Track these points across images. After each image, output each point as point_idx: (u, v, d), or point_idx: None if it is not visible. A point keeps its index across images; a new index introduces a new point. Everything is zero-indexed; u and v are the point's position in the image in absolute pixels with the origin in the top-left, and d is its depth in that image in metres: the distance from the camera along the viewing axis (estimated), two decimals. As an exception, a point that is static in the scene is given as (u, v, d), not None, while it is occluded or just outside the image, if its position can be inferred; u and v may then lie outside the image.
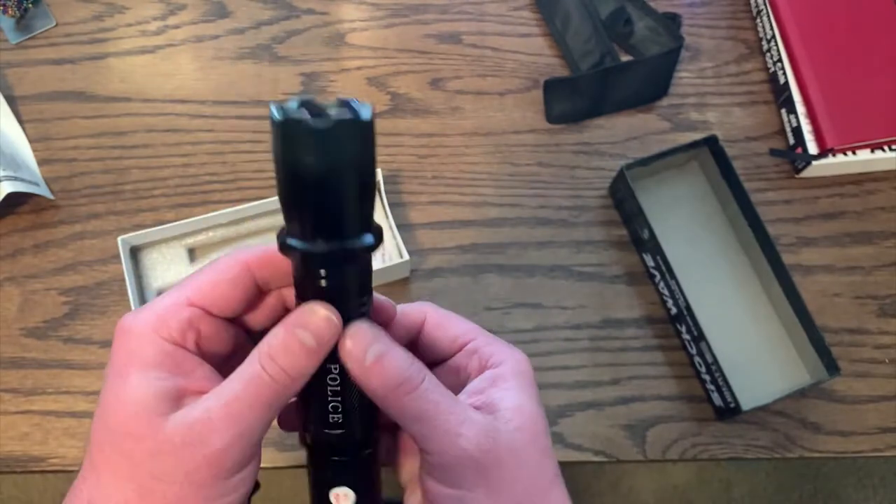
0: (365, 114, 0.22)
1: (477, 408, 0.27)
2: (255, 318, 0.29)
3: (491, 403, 0.27)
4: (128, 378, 0.24)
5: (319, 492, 0.30)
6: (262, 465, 0.52)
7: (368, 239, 0.25)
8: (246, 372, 0.25)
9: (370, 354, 0.25)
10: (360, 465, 0.30)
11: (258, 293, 0.28)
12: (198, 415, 0.24)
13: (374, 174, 0.24)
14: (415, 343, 0.31)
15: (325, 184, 0.23)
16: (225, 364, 0.27)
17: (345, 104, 0.22)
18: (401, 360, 0.26)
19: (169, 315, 0.25)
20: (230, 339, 0.28)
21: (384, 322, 0.29)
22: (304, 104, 0.22)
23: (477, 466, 0.26)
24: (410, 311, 0.30)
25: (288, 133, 0.22)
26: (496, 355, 0.29)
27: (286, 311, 0.29)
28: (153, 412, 0.24)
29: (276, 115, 0.21)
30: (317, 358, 0.25)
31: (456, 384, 0.30)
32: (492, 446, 0.26)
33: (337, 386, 0.27)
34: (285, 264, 0.26)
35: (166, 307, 0.26)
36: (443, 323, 0.30)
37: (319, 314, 0.25)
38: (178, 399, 0.25)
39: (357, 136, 0.22)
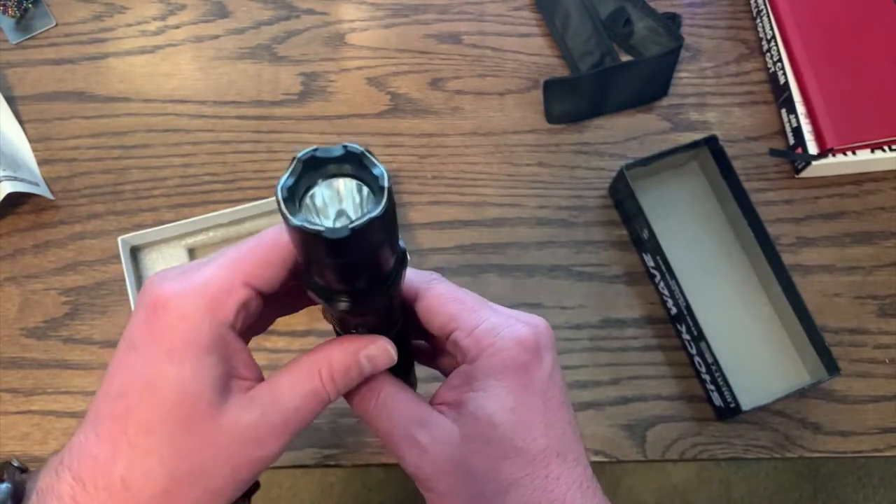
0: (379, 209, 0.20)
1: (447, 403, 0.28)
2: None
3: (458, 402, 0.28)
4: (183, 363, 0.23)
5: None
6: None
7: (398, 268, 0.25)
8: (306, 387, 0.26)
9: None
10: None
11: None
12: (254, 418, 0.24)
13: (396, 228, 0.23)
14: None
15: (354, 267, 0.22)
16: (243, 336, 0.27)
17: (354, 160, 0.21)
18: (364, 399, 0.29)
19: (224, 297, 0.24)
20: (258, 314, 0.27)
21: None
22: (309, 162, 0.21)
23: (419, 483, 0.28)
24: (408, 289, 0.30)
25: (306, 240, 0.20)
26: (471, 351, 0.28)
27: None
28: (208, 402, 0.24)
29: (291, 219, 0.20)
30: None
31: (454, 363, 0.30)
32: (428, 463, 0.27)
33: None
34: None
35: (220, 287, 0.24)
36: (430, 308, 0.29)
37: (389, 353, 0.27)
38: (226, 386, 0.24)
39: (378, 224, 0.20)
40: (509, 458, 0.27)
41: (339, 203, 0.22)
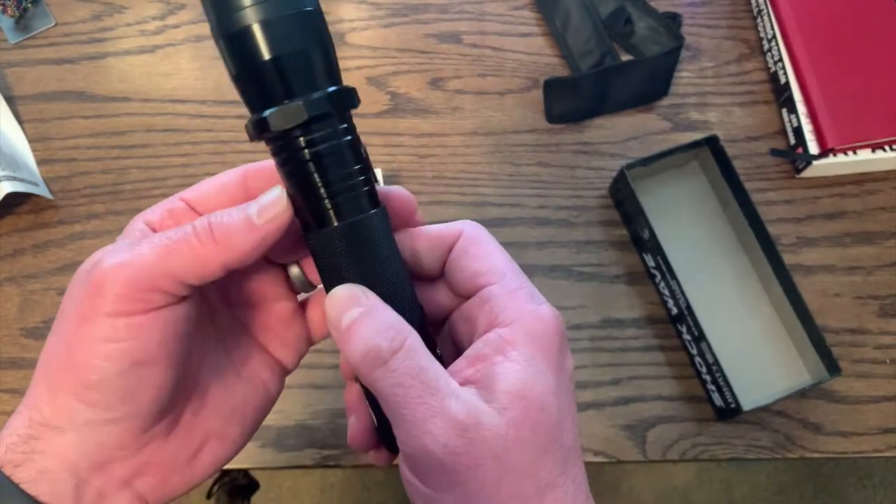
0: None
1: (472, 382, 0.23)
2: None
3: (489, 378, 0.23)
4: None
5: (375, 405, 0.26)
6: (261, 465, 0.51)
7: (318, 93, 0.24)
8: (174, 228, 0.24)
9: (345, 319, 0.23)
10: None
11: None
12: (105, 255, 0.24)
13: (307, 14, 0.24)
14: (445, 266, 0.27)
15: (262, 32, 0.23)
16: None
17: None
18: (372, 329, 0.23)
19: (160, 206, 0.27)
20: None
21: (401, 218, 0.27)
22: None
23: (443, 469, 0.22)
24: (447, 227, 0.27)
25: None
26: (509, 310, 0.24)
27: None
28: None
29: None
30: (254, 236, 0.23)
31: (467, 335, 0.26)
32: (466, 448, 0.21)
33: None
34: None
35: (160, 204, 0.27)
36: (469, 251, 0.26)
37: (273, 191, 0.24)
38: None
39: None
40: (549, 453, 0.22)
41: None
